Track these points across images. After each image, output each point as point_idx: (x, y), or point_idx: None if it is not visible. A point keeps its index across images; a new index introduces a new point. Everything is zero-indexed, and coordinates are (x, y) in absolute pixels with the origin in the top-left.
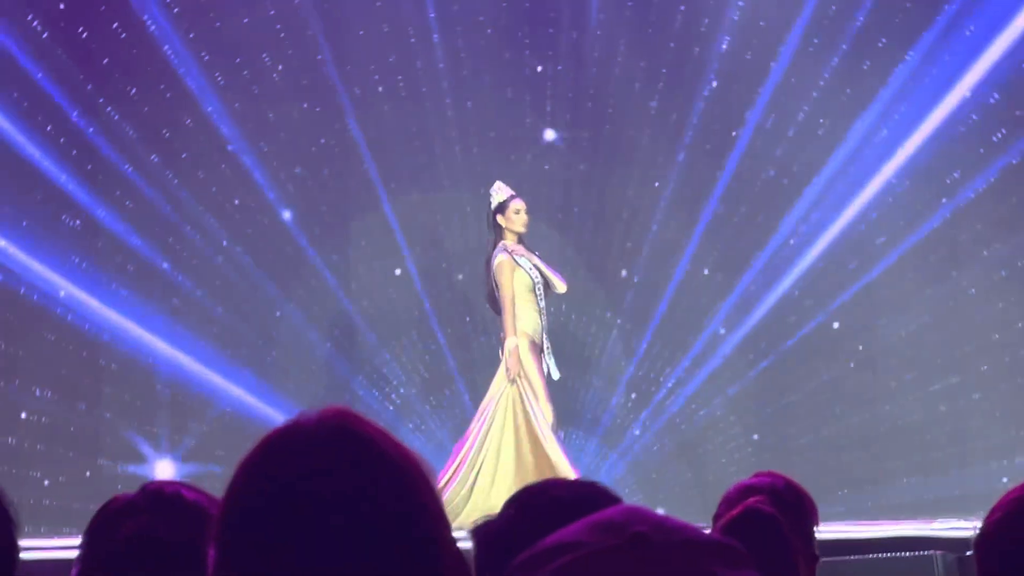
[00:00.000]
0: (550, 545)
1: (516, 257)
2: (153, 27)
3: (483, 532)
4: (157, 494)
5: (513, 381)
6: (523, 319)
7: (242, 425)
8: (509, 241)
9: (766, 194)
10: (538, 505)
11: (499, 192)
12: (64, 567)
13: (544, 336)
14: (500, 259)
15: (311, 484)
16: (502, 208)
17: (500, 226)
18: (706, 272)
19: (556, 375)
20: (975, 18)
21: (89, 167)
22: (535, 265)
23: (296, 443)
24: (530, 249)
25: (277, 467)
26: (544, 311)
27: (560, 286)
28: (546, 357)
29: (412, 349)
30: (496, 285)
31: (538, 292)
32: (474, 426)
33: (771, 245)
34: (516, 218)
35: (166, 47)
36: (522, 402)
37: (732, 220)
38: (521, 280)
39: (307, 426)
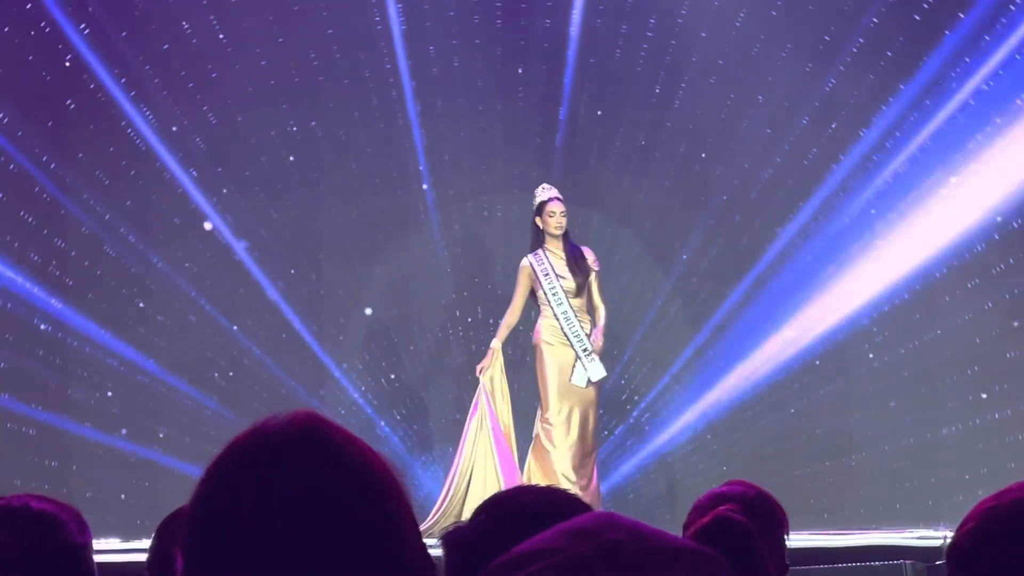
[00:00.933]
0: (524, 551)
1: (535, 264)
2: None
3: (453, 539)
4: (5, 510)
5: (479, 376)
6: (542, 323)
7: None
8: (549, 244)
9: (744, 193)
10: (508, 512)
11: (540, 193)
12: None
13: (575, 340)
14: (521, 264)
15: (278, 489)
16: (540, 210)
17: (538, 228)
18: (694, 280)
19: (597, 376)
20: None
21: None
22: (559, 273)
23: (264, 447)
24: (573, 252)
25: (244, 472)
26: (568, 315)
27: (599, 310)
28: (583, 361)
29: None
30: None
31: (553, 300)
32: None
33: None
34: (550, 220)
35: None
36: (485, 401)
37: (706, 218)
38: (535, 289)
39: (275, 430)
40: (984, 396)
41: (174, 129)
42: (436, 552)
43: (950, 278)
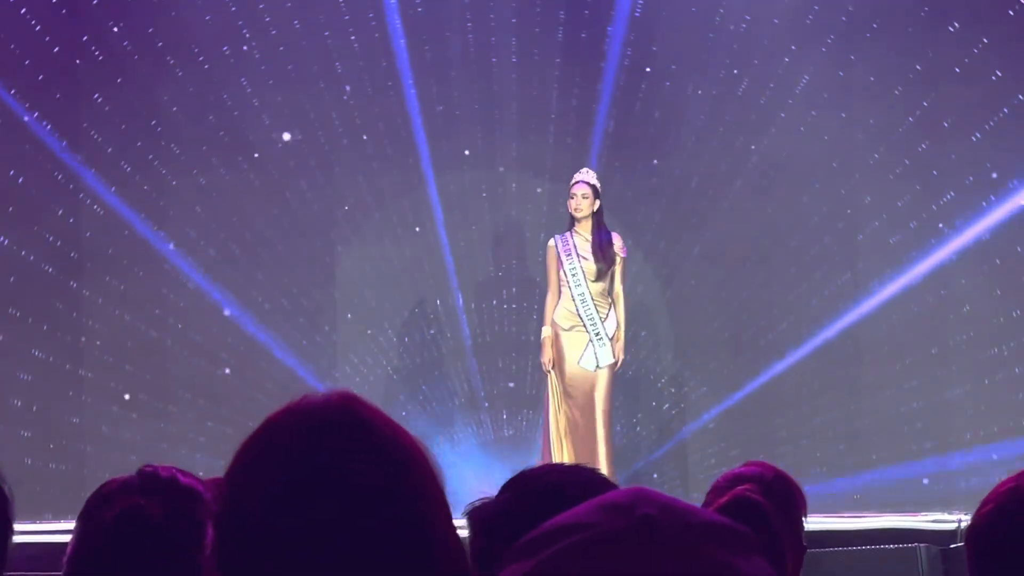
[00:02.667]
0: (557, 525)
1: (559, 245)
2: None
3: (479, 516)
4: (153, 476)
5: (547, 371)
6: (559, 307)
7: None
8: (579, 227)
9: (757, 185)
10: (535, 490)
11: (574, 177)
12: (58, 550)
13: (589, 323)
14: (548, 243)
15: (315, 468)
16: (570, 192)
17: (568, 212)
18: (696, 252)
19: (606, 361)
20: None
21: None
22: (582, 254)
23: (301, 427)
24: (600, 235)
25: (281, 450)
26: (584, 298)
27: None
28: (595, 345)
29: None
30: None
31: (572, 280)
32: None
33: (759, 237)
34: (570, 203)
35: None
36: (552, 392)
37: (722, 210)
38: (563, 268)
39: (312, 410)
40: (1003, 376)
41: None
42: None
43: (964, 263)
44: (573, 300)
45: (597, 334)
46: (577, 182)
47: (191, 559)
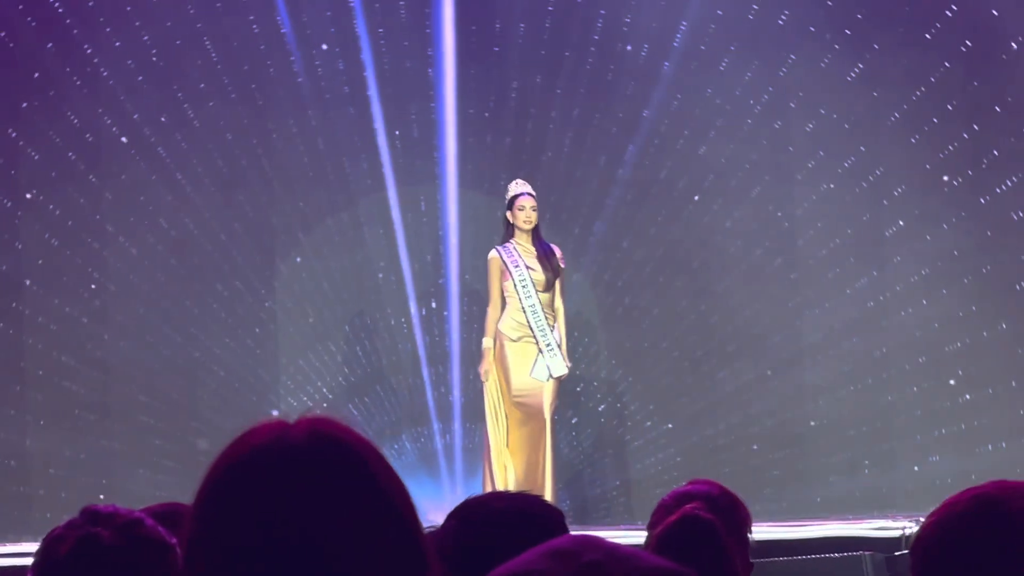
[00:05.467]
0: (505, 572)
1: (504, 255)
2: None
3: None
4: (95, 512)
5: (484, 381)
6: (505, 318)
7: None
8: (518, 238)
9: (690, 189)
10: (479, 517)
11: (512, 188)
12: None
13: (539, 334)
14: (489, 257)
15: (292, 498)
16: (510, 204)
17: (508, 222)
18: (635, 259)
19: (559, 372)
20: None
21: None
22: (529, 265)
23: (278, 455)
24: (543, 247)
25: (257, 480)
26: (535, 308)
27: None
28: (545, 356)
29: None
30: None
31: (522, 291)
32: None
33: (697, 244)
34: (520, 215)
35: None
36: (489, 404)
37: (658, 213)
38: (507, 279)
39: (288, 436)
40: (943, 380)
41: (111, 127)
42: None
43: (905, 264)
44: (523, 311)
45: (548, 344)
46: (523, 194)
47: None
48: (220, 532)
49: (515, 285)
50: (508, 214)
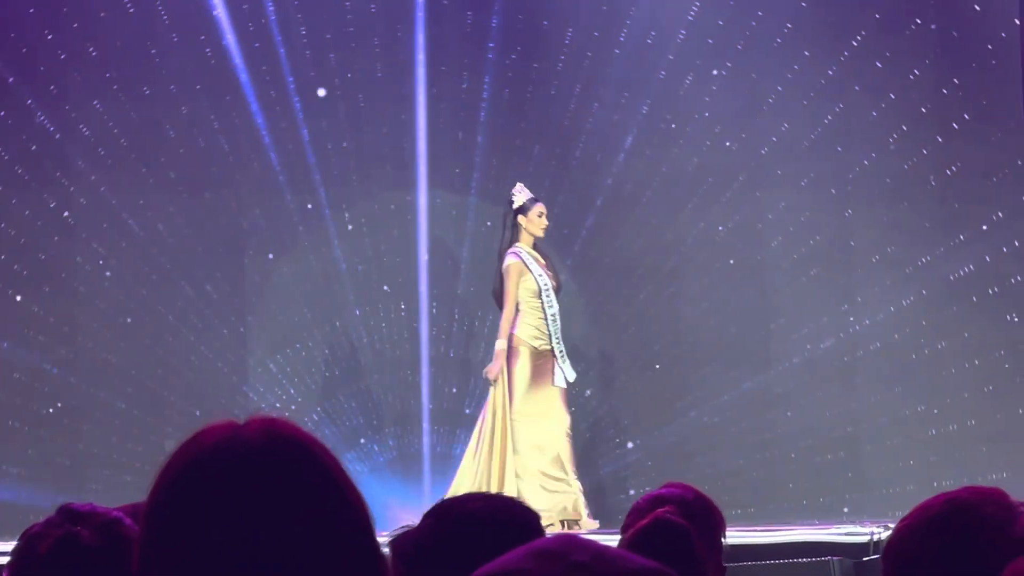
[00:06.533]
0: (490, 572)
1: (527, 261)
2: None
3: (401, 543)
4: (72, 510)
5: (493, 383)
6: (523, 325)
7: None
8: (524, 244)
9: (661, 194)
10: (455, 518)
11: (521, 193)
12: None
13: (555, 341)
14: (510, 261)
15: (242, 499)
16: (524, 209)
17: (518, 227)
18: (605, 265)
19: (572, 377)
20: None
21: None
22: (544, 271)
23: (226, 456)
24: (544, 254)
25: (207, 481)
26: (555, 316)
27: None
28: (558, 363)
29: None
30: (502, 286)
31: (546, 298)
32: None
33: (666, 251)
34: (538, 221)
35: None
36: (497, 406)
37: (628, 220)
38: (528, 285)
39: (241, 436)
40: (912, 386)
41: (83, 129)
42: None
43: (872, 272)
44: (544, 318)
45: (561, 352)
46: (539, 200)
47: None
48: (173, 532)
49: (540, 292)
50: (521, 219)
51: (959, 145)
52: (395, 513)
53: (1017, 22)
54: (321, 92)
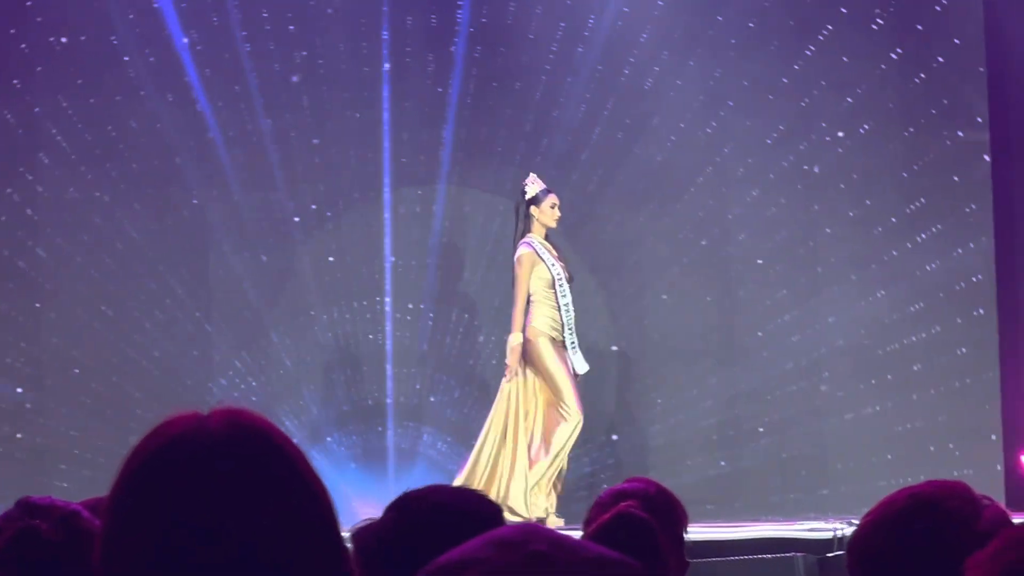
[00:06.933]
0: (448, 562)
1: (540, 251)
2: None
3: (363, 535)
4: (31, 504)
5: (510, 379)
6: (539, 315)
7: None
8: (536, 234)
9: (626, 188)
10: (418, 510)
11: (534, 184)
12: None
13: (567, 332)
14: (522, 252)
15: (203, 490)
16: (536, 200)
17: (531, 217)
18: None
19: (582, 369)
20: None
21: None
22: (556, 261)
23: (188, 447)
24: (555, 245)
25: (168, 473)
26: (568, 307)
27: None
28: (570, 353)
29: None
30: (514, 276)
31: (559, 288)
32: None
33: (631, 245)
34: (550, 212)
35: None
36: (518, 399)
37: (593, 215)
38: (541, 275)
39: (205, 427)
40: (878, 382)
41: (46, 124)
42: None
43: (839, 267)
44: (558, 308)
45: (574, 344)
46: (551, 190)
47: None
48: (135, 524)
49: (553, 282)
50: (534, 209)
51: (925, 140)
52: (358, 508)
53: (982, 17)
54: (294, 79)
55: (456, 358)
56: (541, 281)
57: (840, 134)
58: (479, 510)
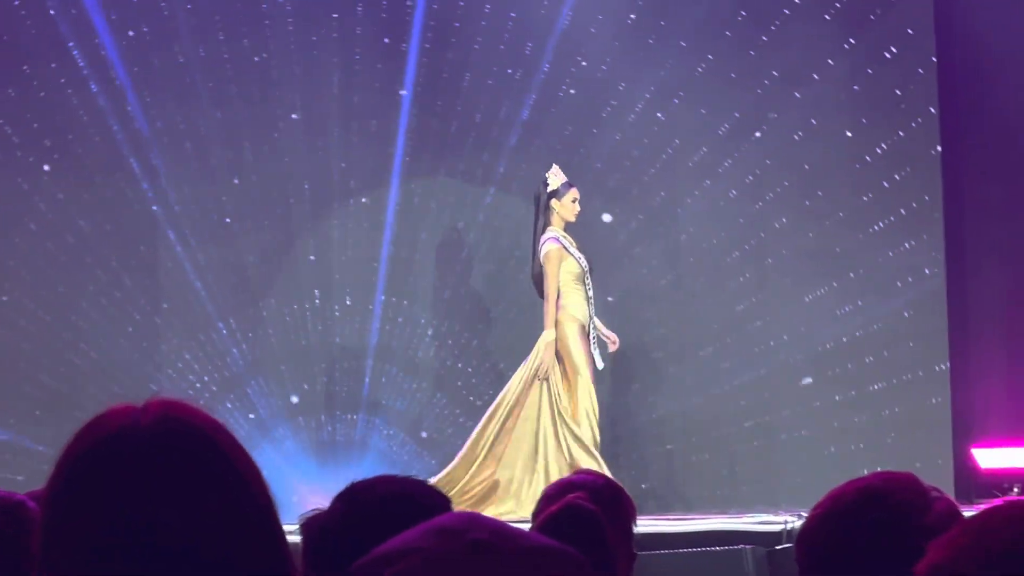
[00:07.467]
0: (389, 549)
1: (567, 245)
2: None
3: (311, 526)
4: None
5: (545, 378)
6: (572, 306)
7: None
8: (557, 227)
9: (577, 180)
10: (366, 500)
11: (557, 176)
12: None
13: (591, 324)
14: (550, 247)
15: (137, 484)
16: (558, 194)
17: (551, 210)
18: (515, 258)
19: (600, 364)
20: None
21: None
22: (581, 254)
23: (121, 441)
24: (573, 236)
25: (101, 467)
26: (591, 300)
27: None
28: (596, 347)
29: None
30: (543, 272)
31: (587, 280)
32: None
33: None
34: (571, 206)
35: None
36: (549, 395)
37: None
38: (570, 268)
39: (137, 422)
40: (829, 374)
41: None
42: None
43: (787, 261)
44: (586, 302)
45: (595, 337)
46: (572, 184)
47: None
48: (70, 517)
49: (583, 274)
50: (555, 202)
51: (876, 132)
52: (308, 499)
53: (932, 8)
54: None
55: (405, 350)
56: (570, 275)
57: (791, 125)
58: (427, 500)
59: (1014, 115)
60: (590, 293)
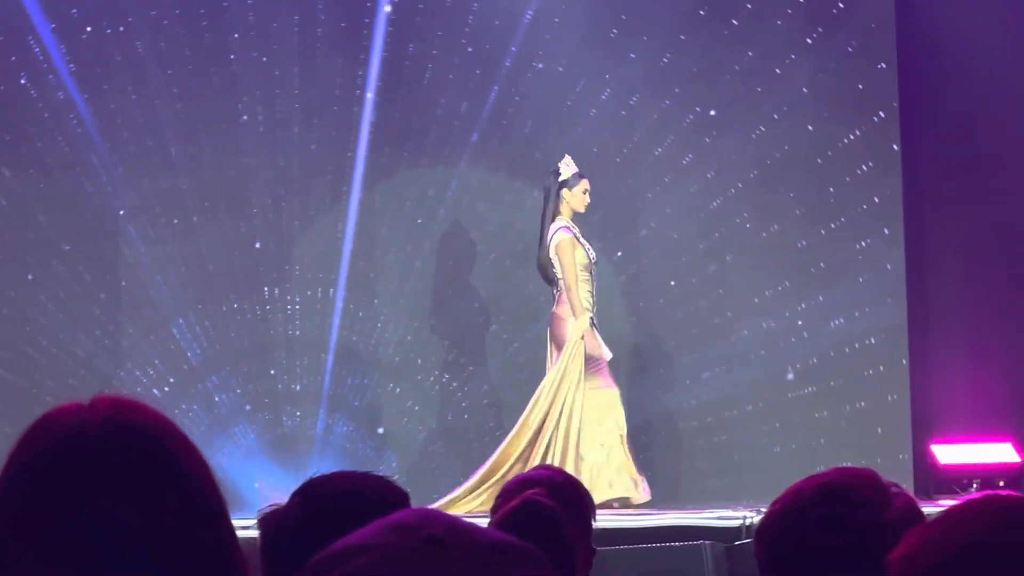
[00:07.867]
0: (344, 546)
1: (577, 235)
2: None
3: (269, 521)
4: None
5: (599, 359)
6: (581, 296)
7: None
8: (566, 216)
9: (540, 180)
10: (323, 496)
11: (569, 167)
12: None
13: (593, 315)
14: (562, 237)
15: (90, 482)
16: (569, 183)
17: (561, 199)
18: (476, 252)
19: (609, 355)
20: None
21: None
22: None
23: (71, 440)
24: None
25: (43, 466)
26: (595, 290)
27: None
28: (599, 336)
29: None
30: (559, 263)
31: (593, 271)
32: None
33: (534, 231)
34: (581, 197)
35: None
36: (577, 383)
37: (508, 204)
38: (579, 259)
39: (83, 422)
40: (792, 368)
41: None
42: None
43: (748, 256)
44: (592, 292)
45: (595, 326)
46: (583, 175)
47: None
48: (17, 516)
49: (591, 264)
50: (565, 192)
51: (836, 129)
52: (267, 495)
53: (892, 7)
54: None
55: (364, 345)
56: (579, 265)
57: (753, 120)
58: (384, 496)
59: (975, 111)
60: (595, 284)
